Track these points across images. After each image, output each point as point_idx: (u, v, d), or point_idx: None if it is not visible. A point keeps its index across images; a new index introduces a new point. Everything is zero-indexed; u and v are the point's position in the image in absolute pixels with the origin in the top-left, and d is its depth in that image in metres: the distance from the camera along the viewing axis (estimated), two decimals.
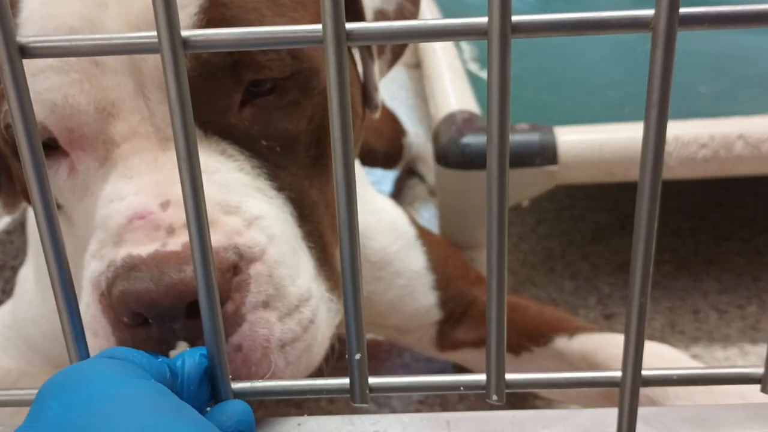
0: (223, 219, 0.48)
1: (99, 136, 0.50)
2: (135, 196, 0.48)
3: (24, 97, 0.32)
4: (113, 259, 0.46)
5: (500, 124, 0.32)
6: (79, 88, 0.49)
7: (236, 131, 0.52)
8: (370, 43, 0.33)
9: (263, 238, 0.49)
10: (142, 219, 0.47)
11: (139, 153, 0.50)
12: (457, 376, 0.39)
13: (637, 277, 0.35)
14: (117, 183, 0.50)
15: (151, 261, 0.45)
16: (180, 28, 0.32)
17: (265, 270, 0.48)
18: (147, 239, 0.46)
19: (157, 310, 0.44)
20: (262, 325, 0.47)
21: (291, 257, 0.50)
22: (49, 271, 0.36)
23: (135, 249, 0.46)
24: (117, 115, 0.50)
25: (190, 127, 0.33)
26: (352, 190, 0.34)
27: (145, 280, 0.44)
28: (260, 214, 0.50)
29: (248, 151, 0.52)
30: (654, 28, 0.31)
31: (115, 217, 0.48)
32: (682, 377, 0.38)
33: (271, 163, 0.53)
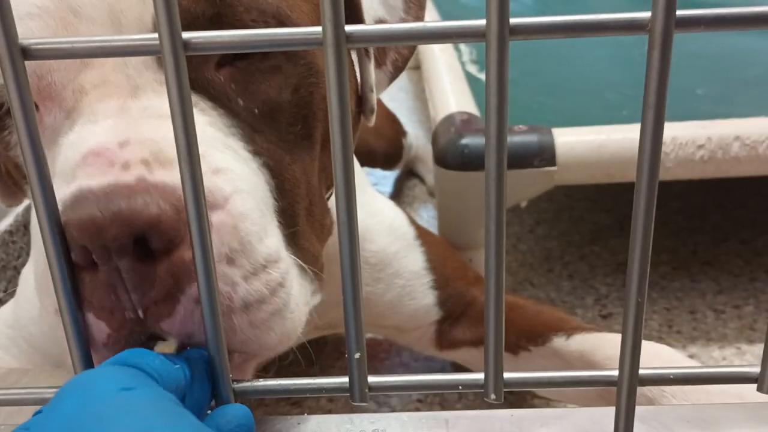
0: None
1: (69, 84, 0.48)
2: (95, 137, 0.46)
3: (26, 98, 0.33)
4: (63, 195, 0.42)
5: (498, 126, 0.32)
6: (52, 33, 0.47)
7: (211, 87, 0.50)
8: (369, 45, 0.33)
9: (228, 188, 0.46)
10: (96, 156, 0.44)
11: (106, 100, 0.47)
12: (455, 375, 0.39)
13: (634, 278, 0.35)
14: (81, 129, 0.47)
15: (100, 191, 0.41)
16: (181, 30, 0.32)
17: (229, 221, 0.44)
18: (99, 173, 0.43)
19: (102, 241, 0.40)
20: (224, 281, 0.43)
21: (259, 216, 0.47)
22: (52, 272, 0.36)
23: (85, 182, 0.43)
24: (91, 64, 0.48)
25: (191, 127, 0.33)
26: (352, 191, 0.34)
27: (91, 207, 0.40)
28: (227, 167, 0.47)
29: (222, 108, 0.50)
30: (651, 30, 0.32)
31: (72, 157, 0.45)
32: (679, 376, 0.38)
33: (247, 125, 0.51)
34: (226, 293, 0.43)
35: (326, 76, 0.32)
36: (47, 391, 0.40)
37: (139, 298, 0.42)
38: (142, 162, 0.43)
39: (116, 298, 0.41)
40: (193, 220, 0.35)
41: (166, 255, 0.42)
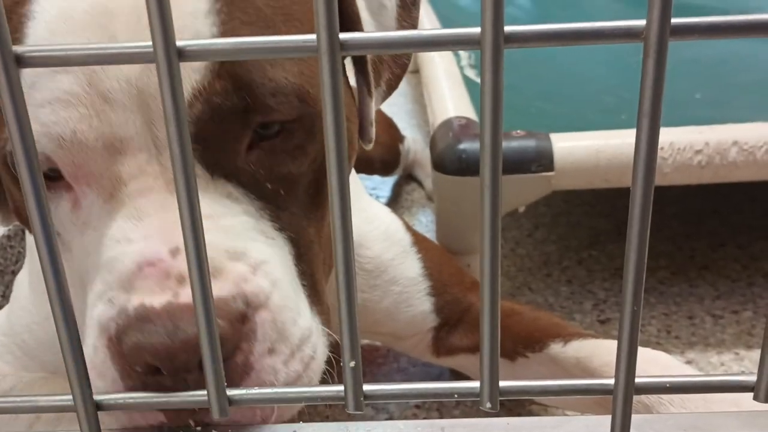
0: (229, 266, 0.48)
1: (105, 172, 0.50)
2: (144, 240, 0.48)
3: (20, 108, 0.32)
4: (124, 306, 0.46)
5: (493, 134, 0.32)
6: (87, 123, 0.48)
7: (242, 174, 0.52)
8: (364, 53, 0.33)
9: (267, 284, 0.49)
10: (152, 266, 0.47)
11: (146, 193, 0.49)
12: (451, 384, 0.39)
13: (629, 284, 0.35)
14: (124, 224, 0.49)
15: (165, 313, 0.45)
16: (175, 38, 0.32)
17: (270, 316, 0.48)
18: (158, 288, 0.46)
19: (173, 364, 0.44)
20: (268, 372, 0.48)
21: (293, 299, 0.51)
22: (46, 282, 0.36)
23: (148, 298, 0.46)
24: (125, 152, 0.49)
25: (185, 136, 0.33)
26: (346, 198, 0.34)
27: (161, 334, 0.44)
28: (264, 259, 0.50)
29: (253, 194, 0.52)
30: (645, 38, 0.32)
31: (125, 262, 0.48)
32: (675, 385, 0.38)
33: (273, 204, 0.53)
34: (269, 382, 0.48)
35: (320, 83, 0.32)
36: (41, 399, 0.40)
37: None
38: None
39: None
40: (188, 222, 0.35)
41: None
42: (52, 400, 0.40)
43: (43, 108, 0.49)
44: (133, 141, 0.49)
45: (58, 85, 0.48)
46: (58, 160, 0.50)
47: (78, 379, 0.38)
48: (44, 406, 0.40)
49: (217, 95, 0.49)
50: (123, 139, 0.49)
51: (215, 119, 0.49)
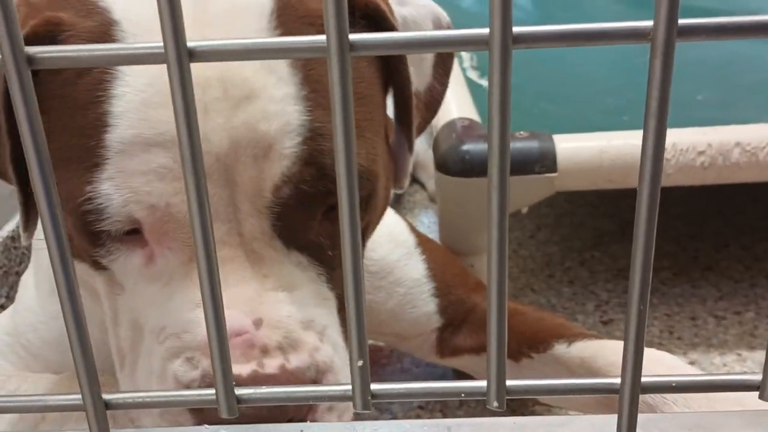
0: (303, 336, 0.52)
1: (189, 240, 0.52)
2: (228, 310, 0.49)
3: (32, 109, 0.33)
4: (207, 370, 0.50)
5: (501, 135, 0.33)
6: (181, 197, 0.50)
7: (312, 245, 0.55)
8: (373, 53, 0.33)
9: (332, 350, 0.54)
10: (238, 337, 0.50)
11: (227, 263, 0.51)
12: (457, 383, 0.39)
13: (636, 285, 0.35)
14: None
15: (251, 382, 0.48)
16: (186, 38, 0.32)
17: (333, 379, 0.53)
18: (244, 358, 0.50)
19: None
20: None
21: (344, 359, 0.55)
22: (56, 279, 0.36)
23: (235, 367, 0.47)
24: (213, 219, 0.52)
25: (196, 141, 0.33)
26: (354, 199, 0.34)
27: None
28: (327, 324, 0.54)
29: (317, 261, 0.56)
30: (653, 39, 0.32)
31: None
32: (681, 384, 0.38)
33: (329, 267, 0.57)
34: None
35: (330, 84, 0.32)
36: (49, 398, 0.40)
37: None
38: (279, 348, 0.51)
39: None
40: (197, 223, 0.35)
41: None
42: (60, 400, 0.40)
43: (135, 177, 0.51)
44: (218, 213, 0.52)
45: (152, 158, 0.50)
46: (146, 225, 0.52)
47: (87, 378, 0.38)
48: (53, 405, 0.40)
49: (304, 183, 0.52)
50: (216, 210, 0.52)
51: (298, 202, 0.53)
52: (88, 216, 0.52)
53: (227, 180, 0.51)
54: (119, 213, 0.51)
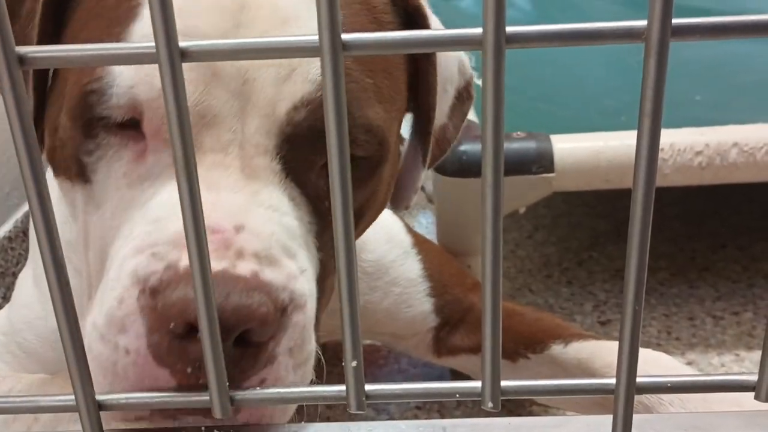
0: (284, 261, 0.49)
1: None
2: (212, 210, 0.48)
3: (23, 108, 0.33)
4: (174, 262, 0.46)
5: (495, 135, 0.32)
6: (193, 87, 0.50)
7: (309, 185, 0.54)
8: (366, 53, 0.33)
9: (308, 290, 0.51)
10: (213, 234, 0.47)
11: (220, 169, 0.50)
12: (452, 384, 0.39)
13: (631, 285, 0.35)
14: None
15: (220, 279, 0.45)
16: (177, 38, 0.32)
17: (302, 321, 0.49)
18: (216, 255, 0.46)
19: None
20: (284, 369, 0.48)
21: (316, 312, 0.52)
22: (48, 281, 0.36)
23: None
24: (212, 126, 0.51)
25: (188, 141, 0.33)
26: (348, 197, 0.34)
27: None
28: (307, 267, 0.52)
29: (311, 206, 0.54)
30: (647, 39, 0.32)
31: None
32: (676, 384, 0.38)
33: (322, 222, 0.55)
34: (283, 378, 0.48)
35: (323, 83, 0.32)
36: (42, 399, 0.40)
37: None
38: (255, 255, 0.47)
39: (200, 366, 0.44)
40: (191, 229, 0.35)
41: (257, 344, 0.46)
42: (53, 400, 0.40)
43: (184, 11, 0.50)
44: (225, 120, 0.50)
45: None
46: (147, 110, 0.51)
47: (80, 379, 0.38)
48: (46, 406, 0.40)
49: (320, 109, 0.51)
50: (217, 114, 0.50)
51: (311, 130, 0.52)
52: (91, 97, 0.51)
53: (242, 92, 0.50)
54: (124, 94, 0.50)
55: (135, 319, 0.46)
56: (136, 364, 0.46)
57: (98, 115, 0.52)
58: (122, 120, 0.52)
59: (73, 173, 0.55)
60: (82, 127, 0.53)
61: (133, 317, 0.46)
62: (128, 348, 0.46)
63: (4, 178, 1.13)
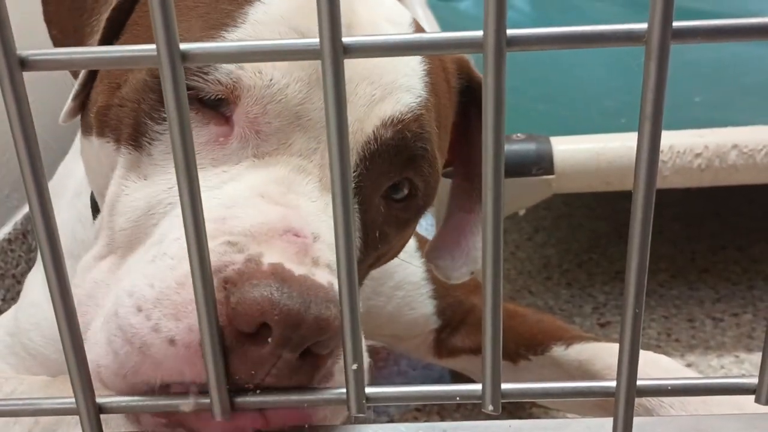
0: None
1: (279, 134, 0.50)
2: (292, 210, 0.48)
3: (24, 110, 0.33)
4: (255, 256, 0.43)
5: (495, 137, 0.32)
6: (298, 87, 0.50)
7: (369, 211, 0.55)
8: (367, 56, 0.33)
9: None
10: (296, 237, 0.46)
11: (304, 175, 0.50)
12: (453, 387, 0.39)
13: (631, 288, 0.35)
14: (273, 186, 0.49)
15: (303, 284, 0.43)
16: (179, 41, 0.32)
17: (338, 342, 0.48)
18: (297, 259, 0.44)
19: (291, 335, 0.41)
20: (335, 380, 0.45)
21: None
22: (49, 284, 0.36)
23: (287, 262, 0.44)
24: (305, 129, 0.51)
25: (189, 141, 0.33)
26: (348, 200, 0.34)
27: (296, 300, 0.41)
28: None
29: (362, 233, 0.55)
30: (647, 42, 0.32)
31: (267, 217, 0.46)
32: (677, 387, 0.38)
33: (363, 251, 0.55)
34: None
35: (323, 87, 0.32)
36: (43, 401, 0.40)
37: (274, 382, 0.42)
38: (328, 267, 0.46)
39: (254, 373, 0.41)
40: (191, 226, 0.35)
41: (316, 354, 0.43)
42: (54, 403, 0.40)
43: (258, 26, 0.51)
44: (315, 127, 0.51)
45: (285, 33, 0.51)
46: (245, 97, 0.49)
47: (81, 382, 0.38)
48: (46, 409, 0.40)
49: (410, 131, 0.53)
50: (311, 119, 0.50)
51: (392, 149, 0.53)
52: (195, 70, 0.49)
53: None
54: (229, 73, 0.49)
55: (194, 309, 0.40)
56: (177, 357, 0.41)
57: (188, 84, 0.48)
58: (212, 96, 0.50)
59: (126, 135, 0.52)
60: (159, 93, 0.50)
61: (193, 307, 0.40)
62: (175, 338, 0.42)
63: (3, 179, 1.13)
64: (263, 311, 0.41)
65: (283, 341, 0.41)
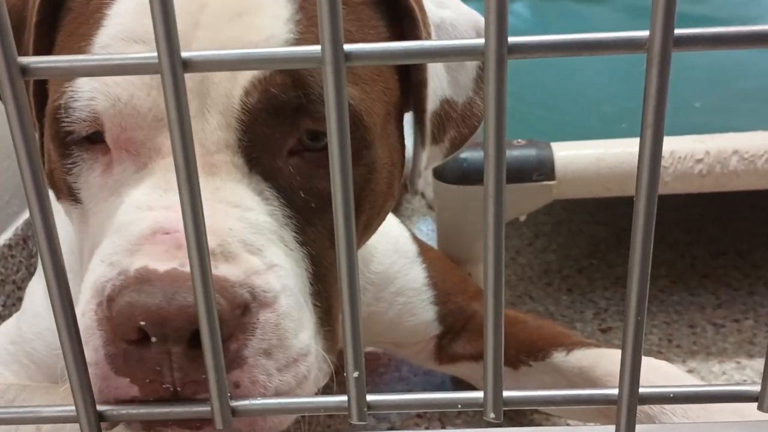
0: (244, 256, 0.48)
1: (147, 143, 0.51)
2: (165, 210, 0.48)
3: (24, 117, 0.33)
4: (126, 268, 0.45)
5: (497, 144, 0.32)
6: (146, 92, 0.50)
7: (279, 177, 0.52)
8: (368, 64, 0.33)
9: (278, 286, 0.49)
10: (166, 234, 0.47)
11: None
12: (454, 394, 0.39)
13: (633, 294, 0.35)
14: (149, 192, 0.50)
15: (167, 278, 0.44)
16: (180, 49, 0.32)
17: (273, 318, 0.48)
18: (166, 255, 0.45)
19: (164, 330, 0.43)
20: (262, 372, 0.47)
21: (298, 311, 0.50)
22: (49, 288, 0.36)
23: (152, 262, 0.45)
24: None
25: (190, 150, 0.33)
26: (350, 209, 0.34)
27: (157, 296, 0.43)
28: (279, 263, 0.50)
29: (284, 200, 0.53)
30: (649, 49, 0.32)
31: (138, 226, 0.48)
32: (680, 395, 0.38)
33: (302, 216, 0.53)
34: (263, 381, 0.47)
35: (325, 95, 0.32)
36: (45, 409, 0.40)
37: (182, 377, 0.44)
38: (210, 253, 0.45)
39: (160, 373, 0.44)
40: (193, 244, 0.35)
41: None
42: (54, 411, 0.40)
43: None
44: None
45: (131, 51, 0.50)
46: (106, 120, 0.51)
47: (81, 390, 0.38)
48: (47, 417, 0.40)
49: (275, 87, 0.50)
50: None
51: (268, 111, 0.50)
52: (60, 114, 0.51)
53: (200, 91, 0.50)
54: (85, 107, 0.50)
55: (93, 332, 0.46)
56: (96, 376, 0.45)
57: (66, 131, 0.52)
58: (87, 134, 0.52)
59: (66, 195, 0.56)
60: (59, 147, 0.53)
61: (91, 331, 0.46)
62: (89, 362, 0.44)
63: (4, 185, 1.13)
64: (130, 315, 0.43)
65: (161, 337, 0.43)
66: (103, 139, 0.52)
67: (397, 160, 0.62)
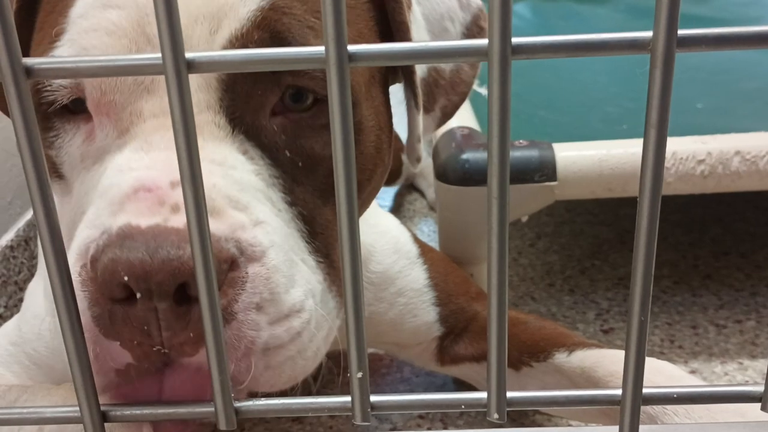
0: (230, 212, 0.48)
1: (128, 107, 0.50)
2: (147, 170, 0.48)
3: (29, 117, 0.33)
4: (108, 226, 0.45)
5: (500, 145, 0.32)
6: (126, 52, 0.49)
7: (263, 136, 0.52)
8: (372, 64, 0.33)
9: (266, 241, 0.48)
10: (148, 192, 0.46)
11: (162, 131, 0.49)
12: (458, 394, 0.39)
13: (637, 296, 0.35)
14: (131, 155, 0.49)
15: (150, 233, 0.44)
16: (184, 50, 0.32)
17: (263, 272, 0.47)
18: (149, 212, 0.45)
19: (147, 284, 0.42)
20: (251, 327, 0.46)
21: (288, 268, 0.50)
22: (54, 291, 0.36)
23: (135, 219, 0.45)
24: (153, 91, 0.50)
25: (194, 148, 0.33)
26: (354, 210, 0.34)
27: (140, 250, 0.43)
28: (266, 219, 0.49)
29: (269, 159, 0.52)
30: (652, 50, 0.32)
31: (121, 186, 0.47)
32: (683, 395, 0.38)
33: (289, 176, 0.53)
34: (251, 336, 0.46)
35: (329, 95, 0.32)
36: (47, 410, 0.40)
37: (170, 336, 0.44)
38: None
39: (148, 333, 0.44)
40: (195, 229, 0.35)
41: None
42: (57, 411, 0.40)
43: (87, 34, 0.50)
44: (163, 83, 0.49)
45: (107, 16, 0.50)
46: (87, 84, 0.51)
47: (84, 390, 0.38)
48: (50, 417, 0.40)
49: (252, 43, 0.50)
50: (155, 79, 0.50)
51: (238, 47, 0.50)
52: (41, 85, 0.51)
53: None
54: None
55: (78, 294, 0.44)
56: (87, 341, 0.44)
57: (48, 101, 0.51)
58: (69, 101, 0.52)
59: (51, 172, 0.55)
60: (41, 120, 0.53)
61: (76, 293, 0.45)
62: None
63: (6, 186, 1.13)
64: (114, 271, 0.43)
65: (146, 293, 0.43)
66: (84, 109, 0.52)
67: (384, 124, 0.61)
